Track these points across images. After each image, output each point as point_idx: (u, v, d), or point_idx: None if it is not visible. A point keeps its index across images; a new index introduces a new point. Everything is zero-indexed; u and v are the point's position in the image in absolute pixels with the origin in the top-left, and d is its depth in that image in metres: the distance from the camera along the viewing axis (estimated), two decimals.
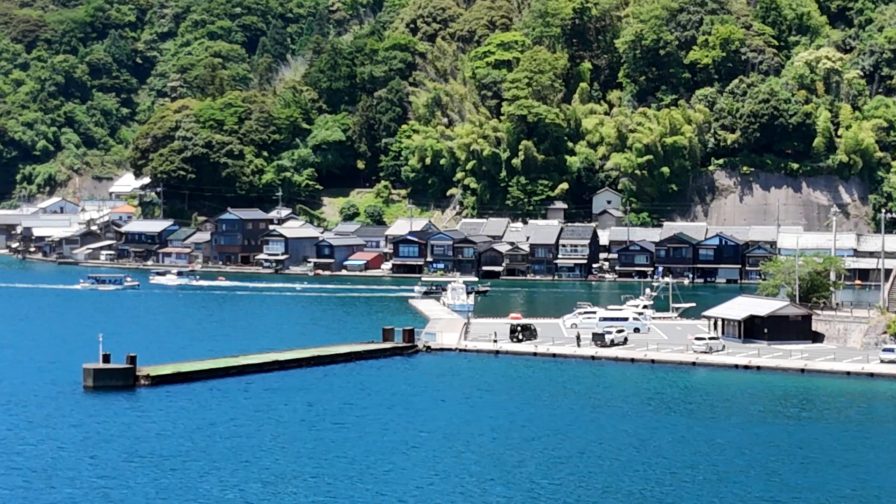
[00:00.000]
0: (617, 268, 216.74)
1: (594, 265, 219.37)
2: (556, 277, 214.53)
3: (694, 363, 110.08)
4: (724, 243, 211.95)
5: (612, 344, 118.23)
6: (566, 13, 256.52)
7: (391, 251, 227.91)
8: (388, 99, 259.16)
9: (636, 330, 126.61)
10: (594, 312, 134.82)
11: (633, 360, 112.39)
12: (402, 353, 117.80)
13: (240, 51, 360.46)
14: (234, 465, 72.58)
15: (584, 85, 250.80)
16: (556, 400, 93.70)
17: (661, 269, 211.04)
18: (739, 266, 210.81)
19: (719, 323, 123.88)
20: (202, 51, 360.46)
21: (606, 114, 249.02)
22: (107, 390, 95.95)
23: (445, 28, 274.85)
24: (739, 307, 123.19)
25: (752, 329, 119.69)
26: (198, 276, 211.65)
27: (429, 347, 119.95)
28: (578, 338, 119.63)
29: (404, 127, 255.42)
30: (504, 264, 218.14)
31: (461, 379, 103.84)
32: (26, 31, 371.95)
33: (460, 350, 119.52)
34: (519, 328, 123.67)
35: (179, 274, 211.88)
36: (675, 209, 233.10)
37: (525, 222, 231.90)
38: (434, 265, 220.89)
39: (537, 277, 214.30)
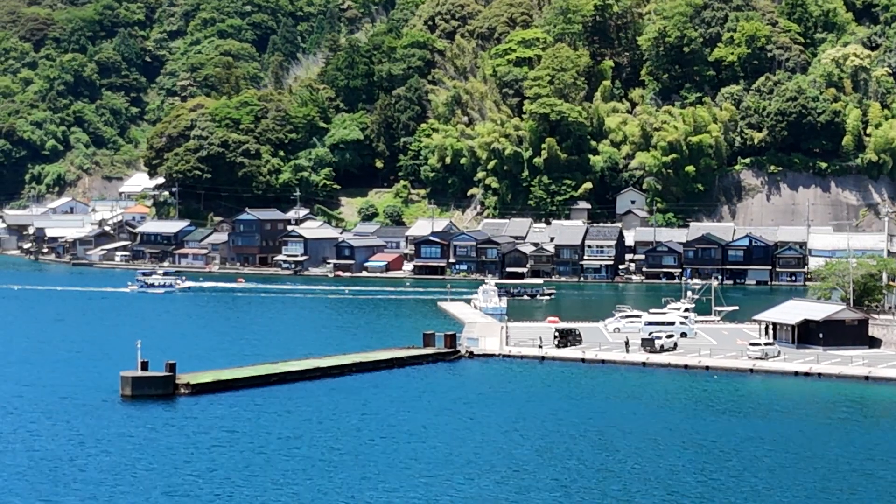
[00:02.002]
0: (644, 269, 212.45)
1: (620, 266, 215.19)
2: (581, 279, 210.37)
3: (751, 370, 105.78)
4: (753, 244, 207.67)
5: (662, 349, 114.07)
6: (587, 10, 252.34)
7: (412, 252, 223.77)
8: (407, 97, 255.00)
9: (683, 334, 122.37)
10: (637, 316, 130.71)
11: (686, 366, 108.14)
12: (444, 358, 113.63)
13: (250, 49, 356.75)
14: (302, 480, 68.49)
15: (606, 83, 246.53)
16: (631, 407, 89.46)
17: (689, 270, 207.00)
18: (770, 267, 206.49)
19: (770, 328, 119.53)
20: (212, 49, 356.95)
21: (629, 112, 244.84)
22: (145, 399, 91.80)
23: (464, 25, 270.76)
24: (792, 311, 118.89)
25: (807, 334, 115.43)
26: (184, 278, 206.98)
27: (471, 353, 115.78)
28: (627, 343, 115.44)
29: (423, 126, 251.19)
30: (528, 265, 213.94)
31: (517, 386, 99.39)
32: (34, 30, 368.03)
33: (504, 356, 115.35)
34: (563, 333, 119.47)
35: (166, 275, 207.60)
36: (700, 209, 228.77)
37: (548, 223, 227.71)
38: (457, 266, 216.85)
39: (562, 279, 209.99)
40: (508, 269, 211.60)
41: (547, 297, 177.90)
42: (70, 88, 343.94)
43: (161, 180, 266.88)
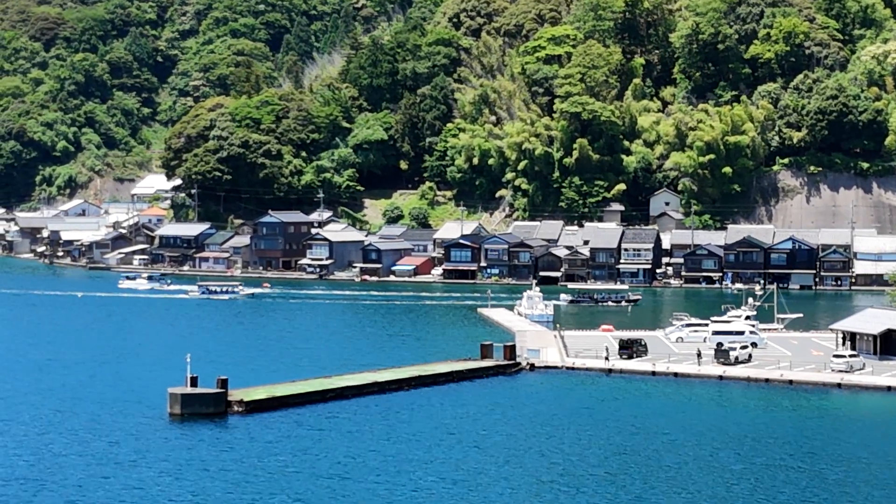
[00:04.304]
0: (683, 273, 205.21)
1: (658, 270, 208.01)
2: (618, 283, 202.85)
3: (839, 384, 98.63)
4: (797, 247, 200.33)
5: (737, 361, 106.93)
6: (618, 6, 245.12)
7: (441, 255, 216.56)
8: (432, 96, 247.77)
9: (753, 344, 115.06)
10: (701, 324, 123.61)
11: (767, 380, 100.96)
12: (504, 371, 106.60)
13: (263, 49, 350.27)
14: None
15: (637, 81, 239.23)
16: (742, 428, 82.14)
17: (730, 274, 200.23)
18: (814, 271, 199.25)
19: (849, 338, 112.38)
20: (224, 49, 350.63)
21: (660, 111, 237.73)
22: (195, 419, 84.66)
23: (490, 22, 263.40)
24: (873, 320, 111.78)
25: (889, 344, 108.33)
26: (169, 282, 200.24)
27: (532, 365, 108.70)
28: (699, 354, 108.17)
29: (450, 125, 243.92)
30: (563, 269, 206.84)
31: (594, 401, 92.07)
32: (45, 29, 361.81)
33: (567, 368, 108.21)
34: (628, 343, 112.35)
35: (150, 278, 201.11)
36: (738, 211, 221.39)
37: (581, 225, 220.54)
38: (488, 271, 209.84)
39: (598, 284, 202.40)
40: (542, 274, 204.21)
41: (632, 303, 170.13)
42: (81, 89, 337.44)
43: (178, 182, 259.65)
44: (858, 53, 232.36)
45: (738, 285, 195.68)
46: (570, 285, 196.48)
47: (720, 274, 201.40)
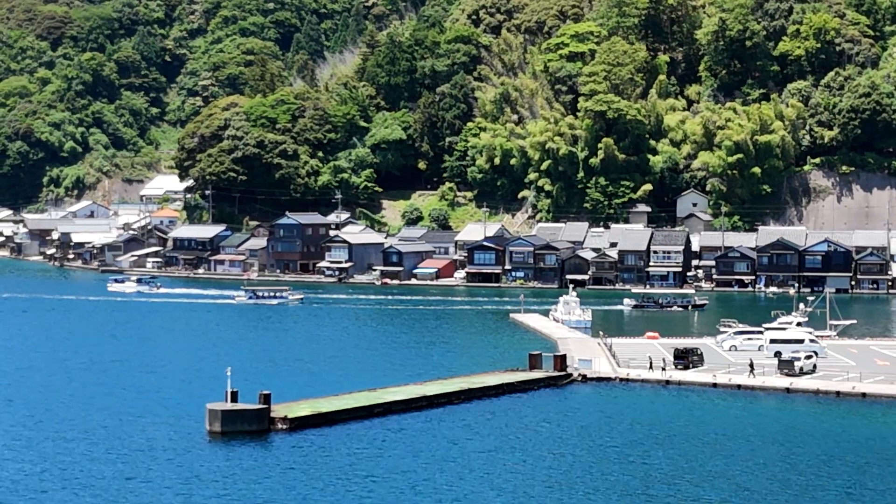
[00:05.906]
0: (714, 276, 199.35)
1: (688, 273, 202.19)
2: (647, 287, 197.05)
3: None
4: (833, 249, 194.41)
5: (802, 372, 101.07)
6: (641, 3, 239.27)
7: (464, 258, 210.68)
8: (452, 95, 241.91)
9: (815, 353, 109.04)
10: (755, 332, 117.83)
11: (838, 393, 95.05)
12: (555, 383, 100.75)
13: (273, 48, 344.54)
14: None
15: (662, 79, 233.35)
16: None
17: (763, 277, 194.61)
18: (850, 275, 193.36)
19: None
20: (234, 48, 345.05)
21: (685, 109, 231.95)
22: (237, 437, 78.77)
23: (510, 19, 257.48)
24: None
25: None
26: (158, 284, 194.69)
27: (584, 376, 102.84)
28: (752, 365, 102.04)
29: (470, 125, 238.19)
30: (590, 272, 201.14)
31: (661, 417, 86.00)
32: (52, 28, 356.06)
33: (621, 379, 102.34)
34: (683, 353, 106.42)
35: (139, 281, 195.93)
36: (768, 212, 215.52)
37: (606, 226, 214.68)
38: (513, 274, 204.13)
39: (627, 287, 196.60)
40: (568, 277, 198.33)
41: (699, 309, 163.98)
42: (88, 88, 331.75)
43: (190, 182, 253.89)
44: (890, 50, 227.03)
45: (773, 289, 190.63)
46: (635, 290, 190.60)
47: (753, 277, 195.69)
